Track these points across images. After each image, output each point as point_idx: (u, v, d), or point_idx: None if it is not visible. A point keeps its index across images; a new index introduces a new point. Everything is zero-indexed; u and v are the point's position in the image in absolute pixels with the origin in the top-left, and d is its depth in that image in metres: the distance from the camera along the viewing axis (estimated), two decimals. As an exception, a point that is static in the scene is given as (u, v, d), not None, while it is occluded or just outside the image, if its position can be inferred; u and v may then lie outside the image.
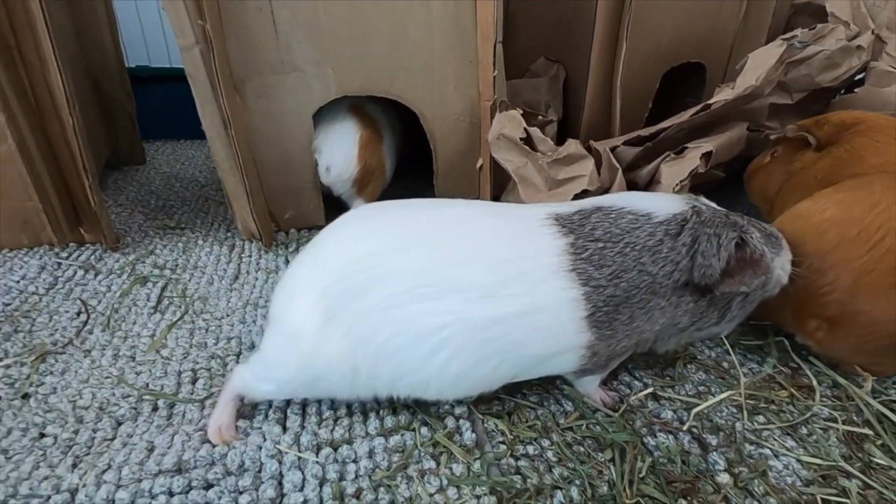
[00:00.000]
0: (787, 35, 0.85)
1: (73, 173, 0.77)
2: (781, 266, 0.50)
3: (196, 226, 0.91)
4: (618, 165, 0.78)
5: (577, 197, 0.75)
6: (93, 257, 0.78)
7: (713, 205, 0.51)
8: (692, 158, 0.80)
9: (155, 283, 0.72)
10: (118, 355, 0.59)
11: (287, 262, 0.80)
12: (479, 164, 0.95)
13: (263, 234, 0.82)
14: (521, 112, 0.81)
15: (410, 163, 1.03)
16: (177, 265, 0.78)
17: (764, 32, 1.09)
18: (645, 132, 0.84)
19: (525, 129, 0.75)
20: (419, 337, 0.43)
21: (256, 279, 0.75)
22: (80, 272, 0.74)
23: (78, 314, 0.65)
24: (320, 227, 0.92)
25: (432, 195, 0.96)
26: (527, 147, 0.74)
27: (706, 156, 0.79)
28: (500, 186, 0.97)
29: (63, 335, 0.61)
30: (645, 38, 0.97)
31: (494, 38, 0.80)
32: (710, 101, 0.81)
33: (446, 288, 0.42)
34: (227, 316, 0.66)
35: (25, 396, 0.52)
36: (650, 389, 0.55)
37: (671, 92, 1.09)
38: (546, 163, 0.73)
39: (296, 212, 0.88)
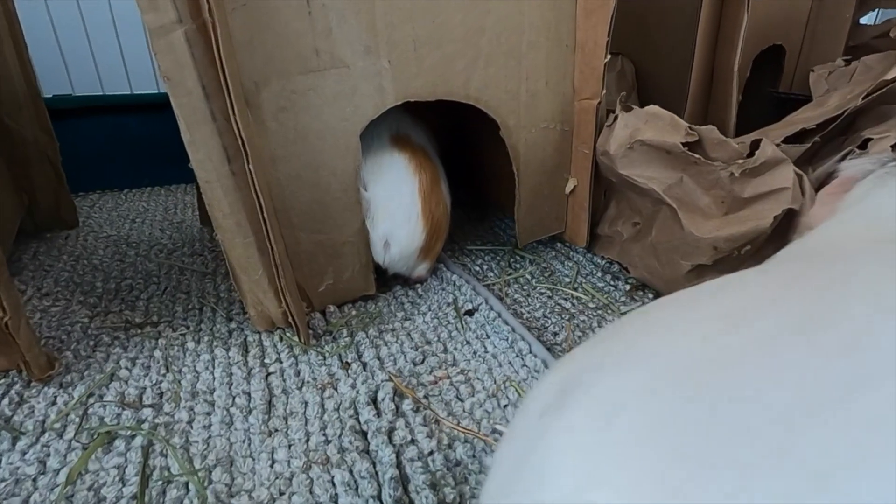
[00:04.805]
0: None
1: (-38, 259, 0.45)
2: None
3: (176, 317, 0.59)
4: (801, 172, 0.56)
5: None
6: (6, 403, 0.45)
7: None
8: (883, 153, 0.60)
9: (129, 442, 0.41)
10: None
11: (342, 362, 0.51)
12: (569, 188, 0.70)
13: (298, 322, 0.52)
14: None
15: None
16: (160, 396, 0.46)
17: (850, 8, 0.94)
18: (809, 124, 0.63)
19: (690, 130, 0.51)
20: None
21: (305, 404, 0.45)
22: (-16, 438, 0.41)
23: (-19, 543, 0.33)
24: (369, 298, 0.64)
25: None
26: (695, 155, 0.50)
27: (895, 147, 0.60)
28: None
29: None
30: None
31: (613, 6, 0.56)
32: (889, 78, 0.62)
33: None
34: (282, 496, 0.36)
35: None
36: None
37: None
38: (736, 174, 0.49)
39: (334, 280, 0.59)
